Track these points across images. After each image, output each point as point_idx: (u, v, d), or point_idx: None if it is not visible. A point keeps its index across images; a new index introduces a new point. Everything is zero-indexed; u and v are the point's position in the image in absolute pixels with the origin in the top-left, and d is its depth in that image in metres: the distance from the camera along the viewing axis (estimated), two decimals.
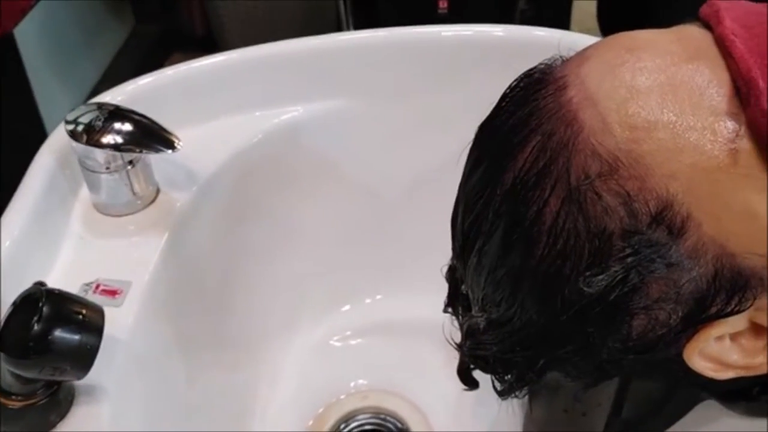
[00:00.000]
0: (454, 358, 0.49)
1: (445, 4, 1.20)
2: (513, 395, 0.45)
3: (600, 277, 0.36)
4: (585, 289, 0.36)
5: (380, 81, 0.71)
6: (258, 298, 0.73)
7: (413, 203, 0.75)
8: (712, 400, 0.47)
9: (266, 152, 0.71)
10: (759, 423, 0.43)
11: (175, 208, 0.64)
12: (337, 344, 0.77)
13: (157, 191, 0.65)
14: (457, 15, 1.17)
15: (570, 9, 1.22)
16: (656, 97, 0.35)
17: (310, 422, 0.72)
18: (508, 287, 0.39)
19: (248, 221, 0.72)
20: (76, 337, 0.45)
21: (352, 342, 0.78)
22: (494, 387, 0.45)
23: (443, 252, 0.46)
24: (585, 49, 0.39)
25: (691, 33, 0.37)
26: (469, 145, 0.43)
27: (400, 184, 0.75)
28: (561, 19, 1.17)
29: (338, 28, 1.06)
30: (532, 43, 0.42)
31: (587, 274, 0.36)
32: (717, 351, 0.38)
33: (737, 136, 0.34)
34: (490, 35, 0.66)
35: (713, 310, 0.36)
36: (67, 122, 0.58)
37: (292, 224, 0.75)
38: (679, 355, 0.39)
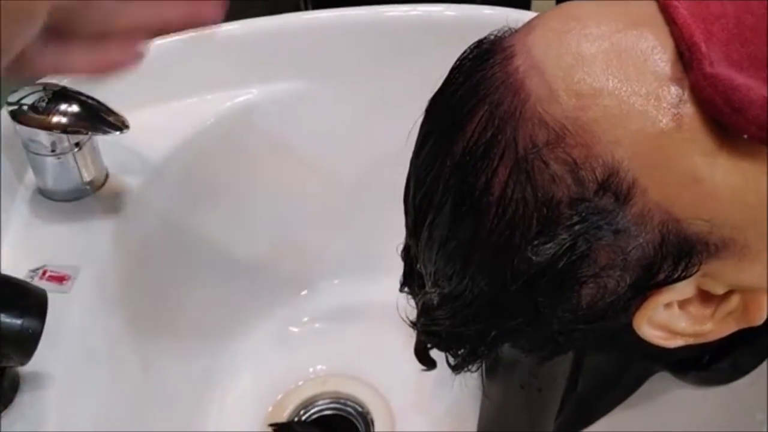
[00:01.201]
0: (413, 340, 0.49)
1: None
2: (467, 369, 0.45)
3: (548, 245, 0.35)
4: (533, 258, 0.36)
5: (337, 62, 0.70)
6: (214, 284, 0.72)
7: (371, 186, 0.74)
8: (664, 372, 0.48)
9: (220, 136, 0.70)
10: (711, 392, 0.44)
11: (125, 193, 0.62)
12: (295, 330, 0.77)
13: (107, 176, 0.63)
14: None
15: None
16: (601, 63, 0.35)
17: (270, 409, 0.71)
18: (459, 260, 0.39)
19: (202, 207, 0.70)
20: (18, 321, 0.44)
21: (311, 327, 0.77)
22: (448, 362, 0.45)
23: (401, 234, 0.45)
24: (532, 19, 0.39)
25: (636, 1, 0.37)
26: (420, 119, 0.42)
27: (358, 167, 0.75)
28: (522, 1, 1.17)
29: (296, 8, 1.05)
30: (484, 22, 0.42)
31: (535, 242, 0.36)
32: (666, 318, 0.38)
33: (681, 101, 0.34)
34: (441, 15, 0.66)
35: (660, 276, 0.36)
36: (9, 103, 0.56)
37: (248, 209, 0.74)
38: (630, 324, 0.39)
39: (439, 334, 0.44)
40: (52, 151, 0.58)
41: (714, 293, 0.38)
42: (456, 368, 0.44)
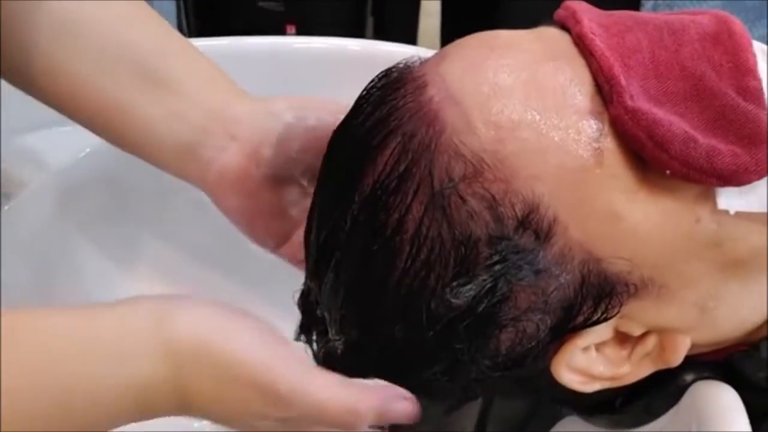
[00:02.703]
0: None
1: (293, 30, 1.17)
2: None
3: (468, 286, 0.33)
4: (453, 300, 0.33)
5: None
6: None
7: None
8: (574, 416, 0.47)
9: (95, 169, 0.63)
10: None
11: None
12: None
13: None
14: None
15: (416, 27, 1.24)
16: (520, 95, 0.33)
17: None
18: (369, 304, 0.36)
19: (74, 250, 0.64)
20: None
21: None
22: None
23: (299, 274, 0.42)
24: (444, 48, 0.37)
25: (550, 33, 0.36)
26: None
27: None
28: (407, 38, 1.18)
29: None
30: (389, 58, 0.41)
31: (454, 284, 0.33)
32: (584, 362, 0.37)
33: (601, 134, 0.33)
34: (345, 49, 0.64)
35: (580, 319, 0.35)
36: None
37: (131, 250, 0.67)
38: (545, 369, 0.37)
39: None
40: None
41: (631, 334, 0.37)
42: None
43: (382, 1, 1.19)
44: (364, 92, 0.38)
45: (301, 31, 1.13)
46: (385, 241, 0.34)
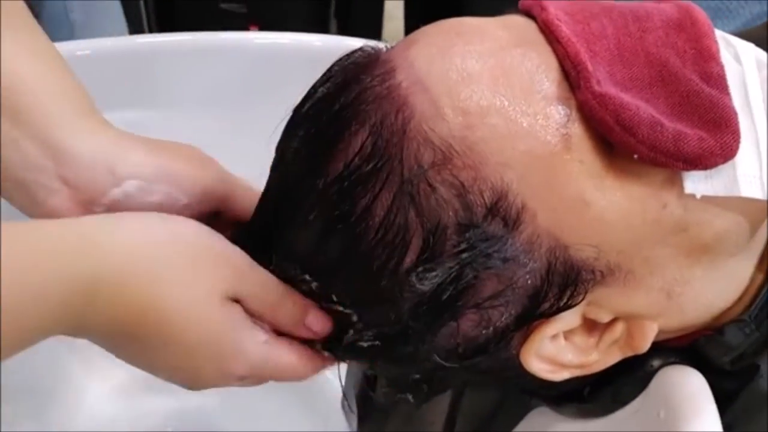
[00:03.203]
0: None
1: (256, 28, 1.16)
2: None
3: (434, 273, 0.33)
4: (418, 286, 0.33)
5: (185, 89, 0.65)
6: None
7: None
8: (542, 407, 0.47)
9: None
10: (592, 424, 0.43)
11: None
12: (143, 385, 0.69)
13: None
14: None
15: (380, 29, 1.24)
16: (487, 81, 0.33)
17: None
18: (325, 276, 0.36)
19: None
20: None
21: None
22: None
23: None
24: (411, 35, 0.37)
25: (516, 21, 0.36)
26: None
27: None
28: (371, 34, 1.18)
29: (138, 30, 0.99)
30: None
31: (420, 269, 0.33)
32: (552, 351, 0.37)
33: (569, 120, 0.33)
34: (309, 44, 0.63)
35: (545, 306, 0.35)
36: None
37: None
38: (511, 359, 0.37)
39: None
40: None
41: (599, 321, 0.37)
42: None
43: (346, 2, 1.19)
44: (325, 75, 0.37)
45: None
46: (349, 226, 0.34)
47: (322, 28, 1.13)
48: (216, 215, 0.40)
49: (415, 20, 1.22)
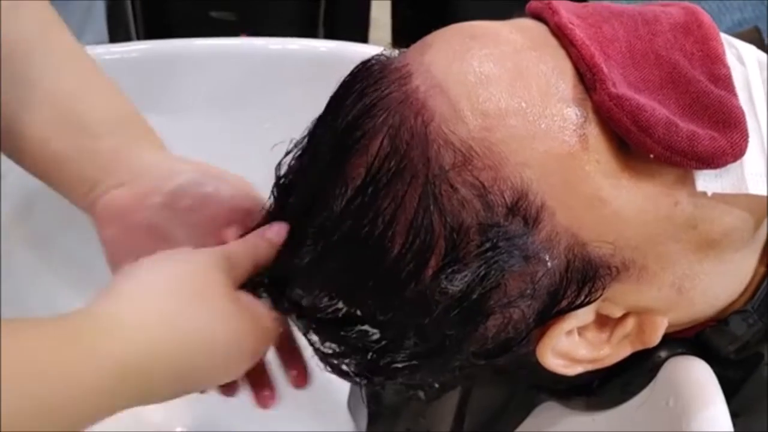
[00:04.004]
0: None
1: (246, 36, 1.17)
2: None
3: (462, 273, 0.34)
4: (449, 287, 0.34)
5: (186, 94, 0.66)
6: None
7: None
8: (549, 402, 0.48)
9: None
10: (600, 416, 0.44)
11: None
12: None
13: None
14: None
15: (366, 40, 1.25)
16: (505, 83, 0.34)
17: None
18: (356, 294, 0.37)
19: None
20: None
21: None
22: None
23: None
24: (424, 39, 0.38)
25: (527, 24, 0.37)
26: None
27: None
28: (358, 34, 1.19)
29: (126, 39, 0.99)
30: (355, 59, 0.41)
31: (449, 271, 0.34)
32: (567, 346, 0.38)
33: (585, 121, 0.34)
34: (313, 50, 0.64)
35: (564, 303, 0.36)
36: None
37: (82, 259, 0.65)
38: (527, 355, 0.38)
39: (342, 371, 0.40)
40: None
41: (612, 317, 0.38)
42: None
43: (333, 12, 1.20)
44: (343, 84, 0.38)
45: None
46: (377, 231, 0.34)
47: (310, 37, 1.14)
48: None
49: (402, 29, 1.23)
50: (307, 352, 0.43)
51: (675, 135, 0.33)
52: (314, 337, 0.40)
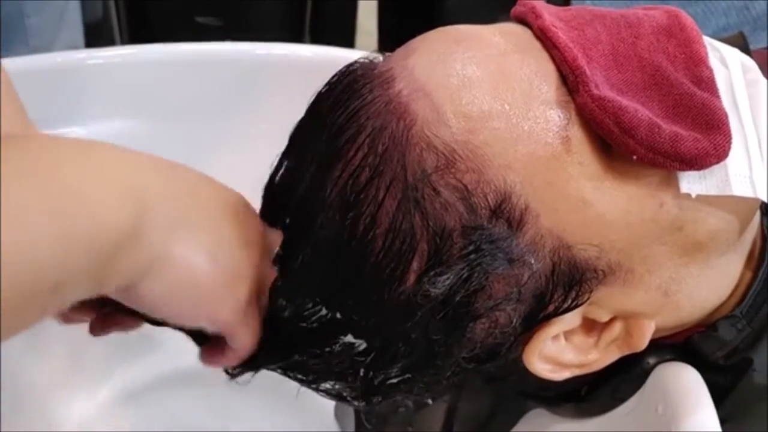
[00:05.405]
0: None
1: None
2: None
3: (445, 276, 0.34)
4: (431, 290, 0.34)
5: (173, 99, 0.65)
6: (24, 354, 0.62)
7: None
8: (538, 410, 0.47)
9: None
10: (590, 423, 0.43)
11: None
12: (132, 400, 0.68)
13: None
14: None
15: (353, 38, 1.25)
16: (488, 86, 0.34)
17: None
18: (340, 298, 0.36)
19: None
20: None
21: (148, 396, 0.69)
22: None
23: None
24: (408, 43, 0.38)
25: (511, 28, 0.37)
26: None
27: None
28: (344, 41, 1.19)
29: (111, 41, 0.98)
30: (341, 64, 0.41)
31: (431, 273, 0.34)
32: (554, 351, 0.38)
33: (568, 123, 0.34)
34: (299, 55, 0.64)
35: (551, 307, 0.36)
36: None
37: None
38: (514, 360, 0.38)
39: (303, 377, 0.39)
40: None
41: (599, 321, 0.37)
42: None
43: (319, 18, 1.20)
44: (325, 88, 0.37)
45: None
46: (358, 237, 0.34)
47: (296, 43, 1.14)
48: None
49: (388, 35, 1.23)
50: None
51: (657, 136, 0.33)
52: (310, 377, 0.39)
